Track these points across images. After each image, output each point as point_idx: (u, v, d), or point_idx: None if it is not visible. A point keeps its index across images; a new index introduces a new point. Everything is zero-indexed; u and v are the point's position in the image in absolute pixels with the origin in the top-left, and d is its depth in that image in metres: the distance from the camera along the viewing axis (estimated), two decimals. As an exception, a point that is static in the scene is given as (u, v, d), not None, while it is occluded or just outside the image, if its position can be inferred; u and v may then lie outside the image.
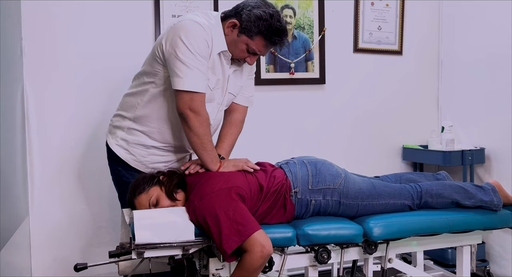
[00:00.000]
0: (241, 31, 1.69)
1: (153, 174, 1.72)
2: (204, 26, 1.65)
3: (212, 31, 1.68)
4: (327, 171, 1.78)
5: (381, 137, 2.96)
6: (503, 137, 2.62)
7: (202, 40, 1.64)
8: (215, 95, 1.78)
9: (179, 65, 1.62)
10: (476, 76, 2.79)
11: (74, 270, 1.56)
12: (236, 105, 1.94)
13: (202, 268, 1.71)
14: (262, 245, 1.46)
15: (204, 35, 1.65)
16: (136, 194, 1.66)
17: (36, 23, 2.27)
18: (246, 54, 1.73)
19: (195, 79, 1.64)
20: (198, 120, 1.67)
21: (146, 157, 1.82)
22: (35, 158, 2.29)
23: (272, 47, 1.76)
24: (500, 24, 2.61)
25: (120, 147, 1.82)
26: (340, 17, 2.83)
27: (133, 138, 1.81)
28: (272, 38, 1.68)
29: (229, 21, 1.70)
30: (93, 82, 2.38)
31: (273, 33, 1.67)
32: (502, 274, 2.63)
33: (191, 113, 1.66)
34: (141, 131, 1.80)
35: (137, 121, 1.80)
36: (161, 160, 1.85)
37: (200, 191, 1.60)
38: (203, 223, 1.53)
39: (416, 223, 1.78)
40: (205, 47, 1.65)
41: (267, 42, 1.70)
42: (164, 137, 1.81)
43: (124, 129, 1.82)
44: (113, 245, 2.30)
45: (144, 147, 1.81)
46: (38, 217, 2.30)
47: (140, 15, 2.44)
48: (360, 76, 2.90)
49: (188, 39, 1.61)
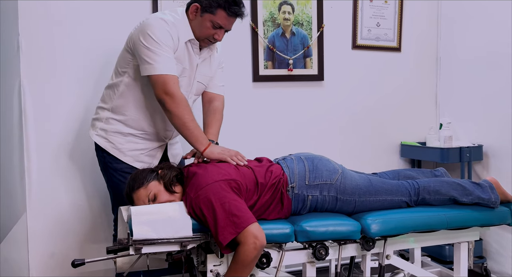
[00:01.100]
0: (203, 11, 1.83)
1: (151, 169, 1.73)
2: (168, 21, 1.82)
3: (176, 25, 1.83)
4: (324, 166, 1.79)
5: (379, 133, 2.96)
6: (501, 134, 2.62)
7: (166, 32, 1.80)
8: (182, 83, 1.88)
9: (147, 53, 1.78)
10: (474, 73, 2.79)
11: (71, 266, 1.55)
12: (213, 95, 2.07)
13: (200, 264, 1.71)
14: (256, 236, 1.47)
15: (168, 28, 1.80)
16: (134, 188, 1.66)
17: (33, 19, 2.26)
18: (212, 31, 1.86)
19: (164, 63, 1.78)
20: (174, 101, 1.77)
21: (124, 144, 1.94)
22: (32, 154, 2.28)
23: (234, 18, 1.87)
24: (499, 21, 2.61)
25: (99, 136, 1.96)
26: (338, 13, 2.82)
27: (111, 127, 1.94)
28: (231, 8, 1.82)
29: (191, 6, 1.86)
30: (90, 77, 2.36)
31: (230, 4, 1.82)
32: (499, 271, 2.64)
33: (167, 96, 1.77)
34: (118, 120, 1.93)
35: (114, 111, 1.94)
36: (138, 147, 1.95)
37: (196, 184, 1.61)
38: (200, 215, 1.54)
39: (414, 220, 1.79)
40: (168, 39, 1.80)
41: (228, 13, 1.83)
42: (140, 124, 1.93)
43: (103, 120, 1.96)
44: (111, 241, 2.30)
45: (122, 135, 1.93)
46: (35, 213, 2.30)
47: (138, 11, 2.43)
48: (358, 72, 2.89)
49: (153, 32, 1.78)
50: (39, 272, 2.32)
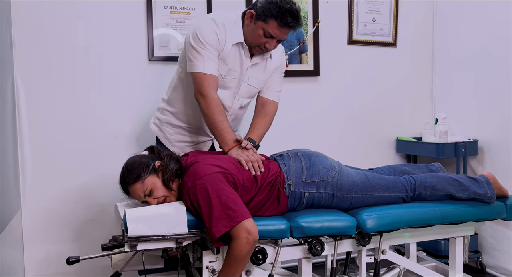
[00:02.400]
0: (257, 18, 1.83)
1: (148, 160, 1.68)
2: (217, 22, 1.85)
3: (226, 26, 1.86)
4: (321, 163, 1.78)
5: (375, 129, 2.96)
6: (496, 129, 2.63)
7: (212, 32, 1.84)
8: (229, 84, 1.94)
9: (191, 51, 1.85)
10: (470, 68, 2.79)
11: (66, 263, 1.55)
12: (266, 100, 2.07)
13: (196, 261, 1.71)
14: (248, 231, 1.47)
15: (215, 28, 1.84)
16: (131, 181, 1.64)
17: (26, 14, 2.24)
18: (263, 39, 1.85)
19: (203, 62, 1.83)
20: (206, 101, 1.83)
21: (173, 136, 2.05)
22: (26, 151, 2.27)
23: (287, 29, 1.83)
24: (495, 16, 2.61)
25: (155, 125, 2.10)
26: (334, 8, 2.81)
27: (164, 118, 2.05)
28: (284, 19, 1.79)
29: (247, 13, 1.87)
30: (84, 74, 2.35)
31: (283, 14, 1.78)
32: (494, 265, 2.65)
33: (200, 97, 1.84)
34: (170, 112, 2.03)
35: (169, 103, 2.04)
36: (185, 139, 2.05)
37: (193, 173, 1.60)
38: (196, 205, 1.54)
39: (409, 215, 1.79)
40: (214, 38, 1.84)
41: (280, 24, 1.80)
42: (188, 119, 2.02)
43: (160, 110, 2.09)
44: (106, 239, 2.29)
45: (172, 126, 2.04)
46: (30, 211, 2.29)
47: (132, 5, 2.41)
48: (354, 68, 2.89)
49: (200, 32, 1.84)
50: (34, 269, 2.31)
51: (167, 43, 2.48)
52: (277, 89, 2.08)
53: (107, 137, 2.40)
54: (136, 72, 2.44)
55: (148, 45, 2.44)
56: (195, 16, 2.51)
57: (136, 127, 2.45)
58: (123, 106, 2.42)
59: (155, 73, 2.46)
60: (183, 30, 2.50)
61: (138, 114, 2.44)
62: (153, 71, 2.46)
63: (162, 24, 2.46)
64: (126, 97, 2.43)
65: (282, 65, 2.08)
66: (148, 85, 2.45)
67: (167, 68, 2.43)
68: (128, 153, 2.41)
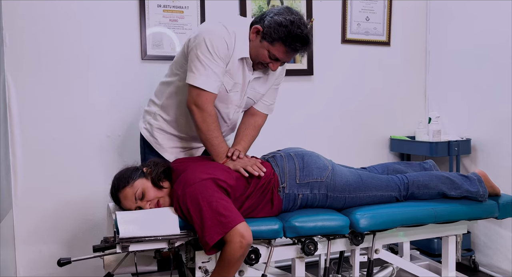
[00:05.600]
0: (263, 37, 1.71)
1: (136, 167, 1.70)
2: (229, 29, 1.72)
3: (236, 36, 1.73)
4: (314, 164, 1.78)
5: (369, 128, 2.96)
6: (489, 128, 2.64)
7: (223, 42, 1.70)
8: (233, 98, 1.84)
9: (195, 62, 1.71)
10: (463, 67, 2.80)
11: (57, 265, 1.54)
12: (258, 111, 1.98)
13: (189, 261, 1.70)
14: (242, 235, 1.45)
15: (226, 37, 1.71)
16: (120, 188, 1.63)
17: (17, 13, 2.21)
18: (268, 60, 1.76)
19: (206, 77, 1.70)
20: (201, 115, 1.73)
21: (165, 141, 1.95)
22: (17, 150, 2.24)
23: (294, 53, 1.75)
24: (487, 15, 2.62)
25: (146, 130, 1.98)
26: (328, 7, 2.81)
27: (157, 123, 1.95)
28: (292, 45, 1.68)
29: (253, 27, 1.75)
30: (75, 72, 2.33)
31: (293, 39, 1.67)
32: (487, 263, 2.67)
33: (195, 108, 1.74)
34: (164, 118, 1.94)
35: (163, 109, 1.94)
36: (178, 145, 1.97)
37: (183, 181, 1.59)
38: (186, 213, 1.52)
39: (402, 214, 1.79)
40: (224, 48, 1.70)
41: (288, 49, 1.70)
42: (181, 128, 1.93)
43: (151, 114, 1.97)
44: (99, 239, 2.28)
45: (165, 132, 1.94)
46: (22, 210, 2.27)
47: (125, 4, 2.40)
48: (348, 67, 2.89)
49: (209, 39, 1.69)
50: (26, 270, 2.29)
51: (160, 42, 2.46)
52: (271, 102, 1.99)
53: (99, 136, 2.39)
54: (129, 71, 2.42)
55: (141, 44, 2.43)
56: (188, 15, 2.50)
57: (129, 126, 2.43)
58: (116, 105, 2.41)
59: (148, 72, 2.45)
60: (176, 28, 2.48)
61: (131, 113, 2.42)
62: (146, 70, 2.45)
63: (155, 22, 2.45)
64: (119, 96, 2.41)
65: (281, 76, 1.99)
66: (141, 84, 2.44)
67: (160, 67, 2.41)
68: (121, 153, 2.42)
